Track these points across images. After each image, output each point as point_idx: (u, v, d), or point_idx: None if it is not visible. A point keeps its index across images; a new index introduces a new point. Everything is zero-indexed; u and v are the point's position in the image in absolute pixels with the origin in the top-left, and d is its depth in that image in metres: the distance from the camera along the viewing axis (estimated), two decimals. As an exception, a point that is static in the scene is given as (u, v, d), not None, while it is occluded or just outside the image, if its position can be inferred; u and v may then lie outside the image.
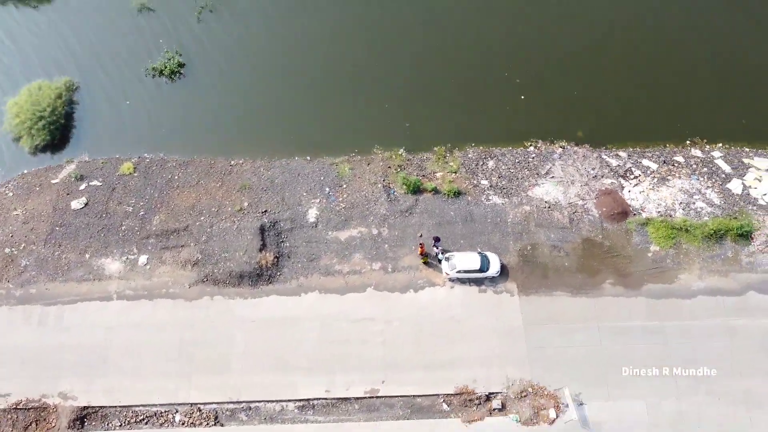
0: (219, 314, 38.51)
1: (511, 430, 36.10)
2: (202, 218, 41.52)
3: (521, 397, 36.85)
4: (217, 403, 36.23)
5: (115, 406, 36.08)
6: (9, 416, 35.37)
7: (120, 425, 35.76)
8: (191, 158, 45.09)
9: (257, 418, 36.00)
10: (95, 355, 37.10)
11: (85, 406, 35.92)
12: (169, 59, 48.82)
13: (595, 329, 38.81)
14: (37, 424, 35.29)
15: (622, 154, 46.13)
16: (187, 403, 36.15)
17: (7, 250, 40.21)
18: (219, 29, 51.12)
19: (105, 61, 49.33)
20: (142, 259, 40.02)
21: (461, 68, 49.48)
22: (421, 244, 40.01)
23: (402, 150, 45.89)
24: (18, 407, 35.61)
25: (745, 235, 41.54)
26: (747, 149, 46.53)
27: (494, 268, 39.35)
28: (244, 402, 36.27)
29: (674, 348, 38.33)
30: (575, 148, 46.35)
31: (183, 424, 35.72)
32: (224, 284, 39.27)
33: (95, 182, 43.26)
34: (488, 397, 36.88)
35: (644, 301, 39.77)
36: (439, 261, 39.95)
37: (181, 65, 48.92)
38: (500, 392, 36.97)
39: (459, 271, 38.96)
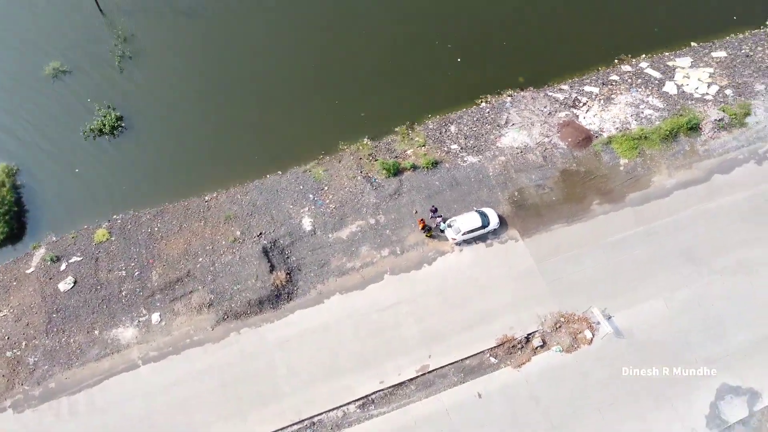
0: (251, 345, 38.08)
1: (558, 361, 38.25)
2: (200, 260, 40.68)
3: (556, 328, 39.02)
4: (281, 429, 35.99)
5: (180, 468, 35.16)
6: None
7: (191, 484, 34.89)
8: (163, 206, 43.83)
9: (323, 430, 36.11)
10: (142, 426, 35.78)
11: (149, 479, 34.78)
12: (105, 116, 47.00)
13: (597, 248, 41.58)
14: None
15: (565, 87, 49.17)
16: (252, 440, 35.79)
17: (9, 354, 37.83)
18: (144, 73, 49.66)
19: (37, 137, 46.79)
20: (155, 317, 38.81)
21: (396, 49, 50.75)
22: (420, 219, 41.19)
23: (366, 139, 46.71)
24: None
25: (694, 128, 45.58)
26: (667, 54, 50.88)
27: (493, 221, 41.17)
28: (306, 420, 36.24)
29: (668, 243, 41.78)
30: (522, 93, 48.92)
31: (254, 461, 35.35)
32: (246, 315, 38.83)
33: (75, 258, 41.29)
34: (528, 339, 38.79)
35: (630, 211, 42.96)
36: (442, 231, 41.28)
37: (119, 118, 47.25)
38: (536, 330, 38.98)
39: (464, 233, 40.47)
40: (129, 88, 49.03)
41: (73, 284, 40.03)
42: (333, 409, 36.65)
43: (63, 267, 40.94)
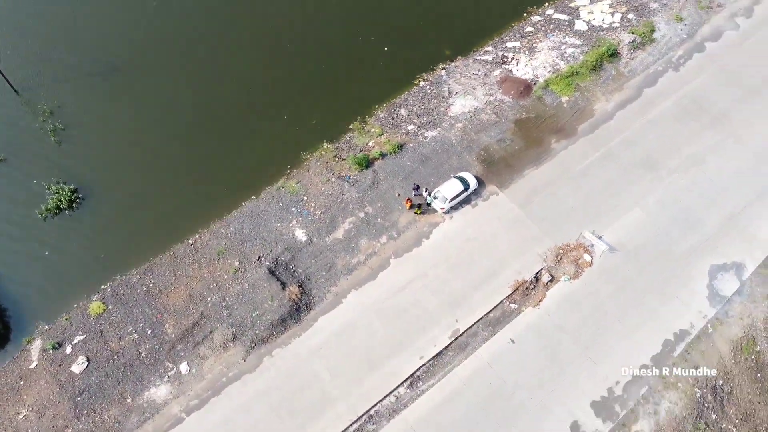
0: (288, 363, 38.28)
1: (569, 289, 41.00)
2: (209, 299, 40.36)
3: (558, 261, 41.80)
4: (342, 431, 36.54)
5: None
6: None
7: None
8: (149, 262, 42.95)
9: (383, 418, 36.93)
10: (208, 472, 35.30)
11: None
12: (57, 192, 45.39)
13: (568, 180, 44.83)
14: None
15: (489, 48, 52.38)
16: (318, 451, 36.10)
17: (44, 451, 36.11)
18: (83, 139, 48.26)
19: (-8, 232, 44.73)
20: (183, 367, 38.18)
21: (326, 53, 52.35)
22: (407, 199, 42.83)
23: (325, 143, 47.77)
24: None
25: (614, 54, 50.04)
26: (566, -5, 55.44)
27: (472, 183, 43.48)
28: (363, 415, 36.94)
29: (625, 158, 45.69)
30: (453, 64, 51.66)
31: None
32: (273, 337, 38.99)
33: (78, 338, 39.79)
34: (537, 278, 41.31)
35: (585, 140, 46.62)
36: (428, 204, 43.13)
37: (73, 191, 45.73)
38: (542, 268, 41.58)
39: (449, 201, 42.50)
40: (72, 158, 47.52)
41: (87, 363, 38.61)
42: (384, 397, 37.54)
43: (69, 350, 39.36)
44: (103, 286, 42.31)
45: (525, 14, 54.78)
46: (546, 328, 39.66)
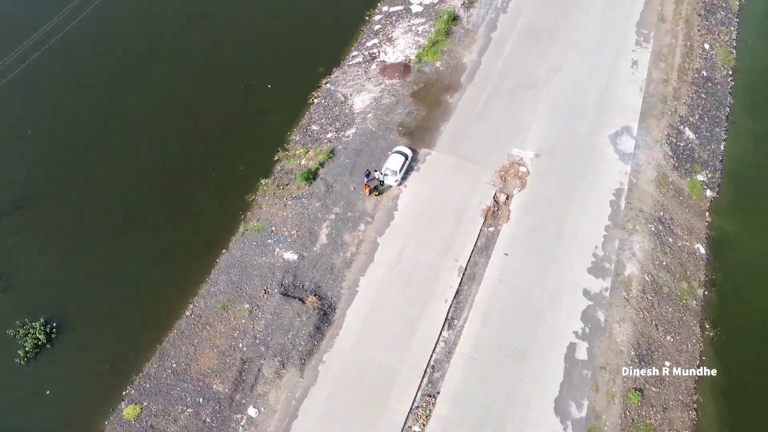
0: (340, 361, 40.34)
1: (524, 198, 47.75)
2: (240, 344, 41.18)
3: (504, 181, 48.60)
4: (419, 391, 39.40)
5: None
6: None
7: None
8: (159, 348, 42.58)
9: (443, 362, 40.39)
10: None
11: None
12: (28, 332, 43.21)
13: (478, 121, 52.28)
14: None
15: (355, 53, 58.97)
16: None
17: None
18: (26, 275, 46.43)
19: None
20: (251, 411, 38.62)
21: (218, 106, 55.47)
22: (365, 185, 47.17)
23: (262, 180, 50.58)
24: None
25: (455, 18, 59.28)
26: (393, -8, 64.05)
27: (408, 152, 49.05)
28: (426, 368, 40.15)
29: (507, 86, 54.27)
30: (333, 76, 57.35)
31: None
32: (316, 346, 40.87)
33: (129, 444, 38.53)
34: (496, 201, 47.65)
35: (471, 87, 54.72)
36: (382, 183, 47.84)
37: (43, 324, 43.69)
38: (495, 191, 48.08)
39: (399, 172, 47.60)
40: (24, 297, 45.43)
41: (153, 458, 37.58)
42: (435, 346, 41.12)
43: (126, 459, 37.97)
44: (125, 392, 41.16)
45: (366, 18, 62.38)
46: (524, 232, 46.01)
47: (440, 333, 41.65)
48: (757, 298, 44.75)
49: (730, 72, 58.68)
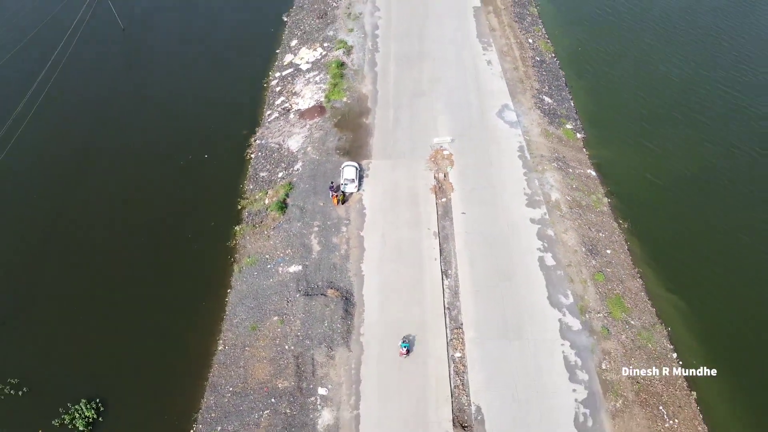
0: (376, 329, 46.71)
1: (457, 171, 58.55)
2: (287, 346, 45.75)
3: (437, 163, 59.26)
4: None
5: None
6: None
7: None
8: (205, 386, 45.36)
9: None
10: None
11: None
12: (74, 417, 43.72)
13: (395, 129, 62.99)
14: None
15: (269, 112, 67.59)
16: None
17: None
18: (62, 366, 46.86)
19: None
20: (322, 391, 43.33)
21: (166, 180, 60.21)
22: (333, 196, 54.94)
23: (236, 227, 56.06)
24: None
25: (342, 64, 70.50)
26: (278, 52, 74.11)
27: (356, 164, 58.00)
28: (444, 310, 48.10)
29: (404, 92, 66.13)
30: (259, 133, 65.14)
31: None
32: (351, 325, 46.90)
33: (222, 464, 41.01)
34: (437, 180, 57.95)
35: (378, 107, 65.60)
36: (344, 192, 56.02)
37: (88, 402, 44.40)
38: (434, 173, 58.41)
39: (355, 180, 56.24)
40: (52, 390, 45.80)
41: (253, 462, 40.45)
42: (443, 294, 49.19)
43: (225, 477, 40.39)
44: (192, 430, 43.50)
45: (265, 85, 71.67)
46: (468, 195, 56.53)
47: (442, 282, 49.91)
48: (641, 194, 59.07)
49: (553, 55, 76.32)
